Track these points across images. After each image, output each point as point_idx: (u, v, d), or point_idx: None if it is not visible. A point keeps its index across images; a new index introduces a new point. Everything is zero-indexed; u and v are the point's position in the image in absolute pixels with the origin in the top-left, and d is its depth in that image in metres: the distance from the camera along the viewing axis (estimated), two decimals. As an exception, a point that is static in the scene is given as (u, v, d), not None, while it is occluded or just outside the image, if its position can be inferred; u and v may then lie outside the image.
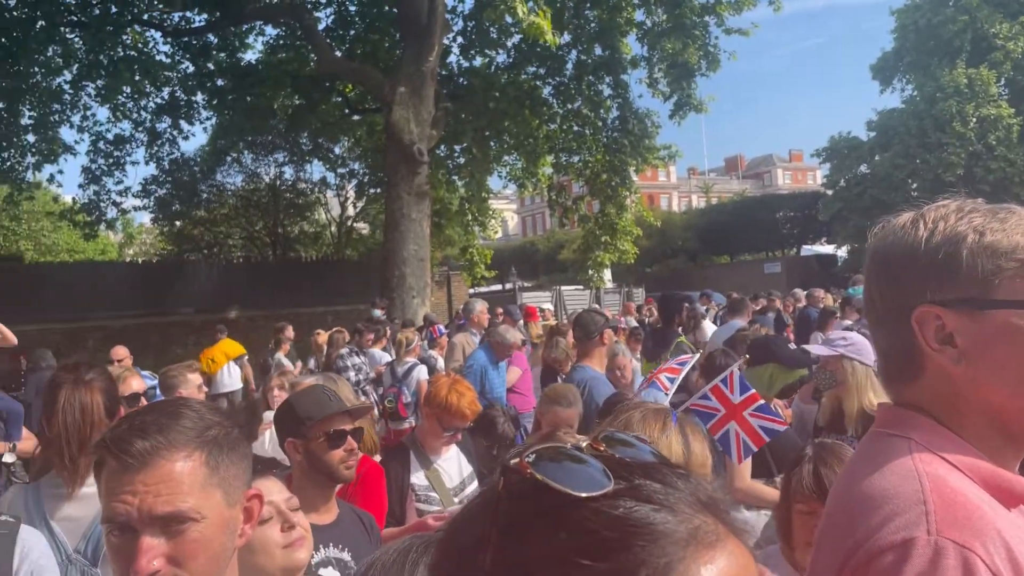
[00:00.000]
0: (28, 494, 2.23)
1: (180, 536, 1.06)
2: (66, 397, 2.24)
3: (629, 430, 1.52)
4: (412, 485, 3.08)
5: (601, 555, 0.47)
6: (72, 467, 2.18)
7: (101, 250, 35.10)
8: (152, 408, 1.17)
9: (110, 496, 1.06)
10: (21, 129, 16.79)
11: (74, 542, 2.13)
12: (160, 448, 1.07)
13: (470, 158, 20.20)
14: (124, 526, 1.05)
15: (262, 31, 19.03)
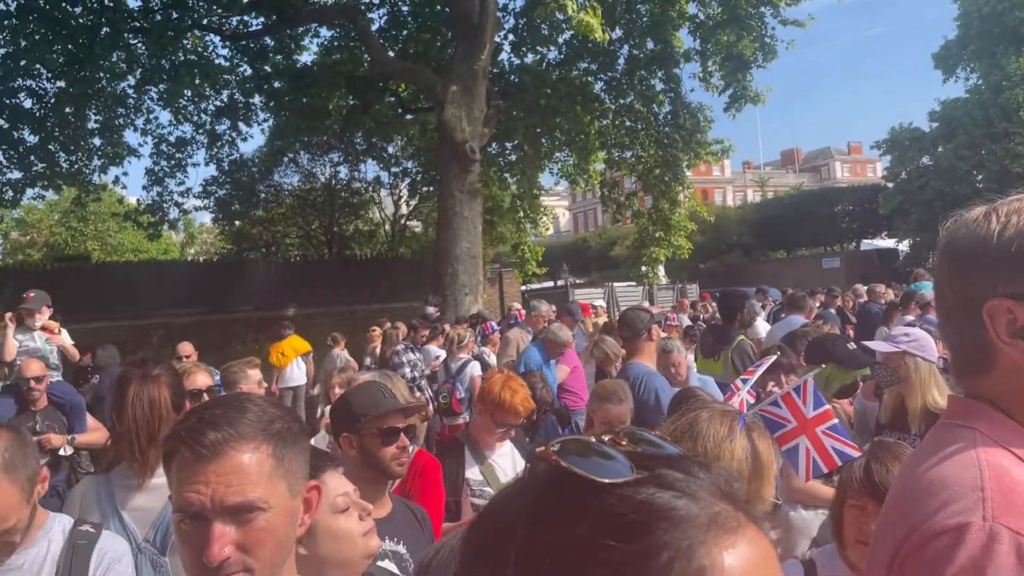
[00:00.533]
0: (100, 485, 2.31)
1: (248, 525, 1.10)
2: (135, 392, 2.32)
3: (694, 429, 1.53)
4: (467, 480, 3.11)
5: (625, 538, 0.49)
6: (142, 459, 2.26)
7: (164, 250, 36.12)
8: (218, 402, 1.21)
9: (183, 485, 1.10)
10: (88, 133, 17.36)
11: (144, 531, 2.20)
12: (231, 439, 1.11)
13: (521, 155, 20.23)
14: (196, 514, 1.09)
15: (317, 33, 19.34)
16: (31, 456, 1.86)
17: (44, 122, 16.37)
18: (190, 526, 1.09)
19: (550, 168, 22.30)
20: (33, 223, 36.55)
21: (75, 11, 15.36)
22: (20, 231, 37.74)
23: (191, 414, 1.18)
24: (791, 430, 2.69)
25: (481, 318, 10.80)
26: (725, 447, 1.53)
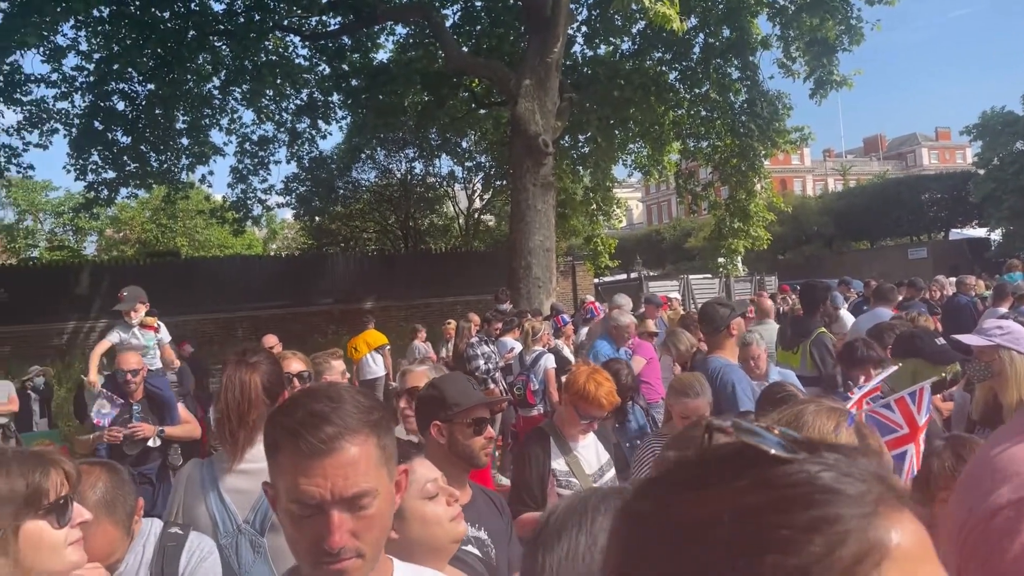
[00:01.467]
0: (203, 467, 2.42)
1: (360, 512, 1.17)
2: (228, 376, 2.42)
3: (800, 420, 1.53)
4: (553, 470, 3.15)
5: (801, 508, 0.51)
6: (232, 440, 2.35)
7: (248, 245, 37.30)
8: (316, 394, 1.24)
9: (299, 478, 1.16)
10: (176, 133, 18.03)
11: (244, 513, 2.29)
12: (344, 434, 1.17)
13: (594, 147, 20.13)
14: (313, 505, 1.16)
15: (393, 31, 19.62)
16: (128, 492, 1.96)
17: (136, 123, 17.10)
18: (306, 515, 1.16)
19: (623, 160, 22.12)
20: (126, 221, 38.24)
21: (164, 16, 15.97)
22: (114, 228, 39.54)
23: (293, 406, 1.22)
24: (902, 436, 2.61)
25: (555, 311, 10.83)
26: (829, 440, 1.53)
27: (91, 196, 17.64)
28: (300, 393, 1.26)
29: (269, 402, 2.41)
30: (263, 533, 2.26)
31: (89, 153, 16.97)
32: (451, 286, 20.79)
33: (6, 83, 16.15)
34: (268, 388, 2.43)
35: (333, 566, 1.15)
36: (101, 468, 1.96)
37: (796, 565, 0.49)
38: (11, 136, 17.16)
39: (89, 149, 16.89)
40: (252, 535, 2.26)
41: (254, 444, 2.35)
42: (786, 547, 0.50)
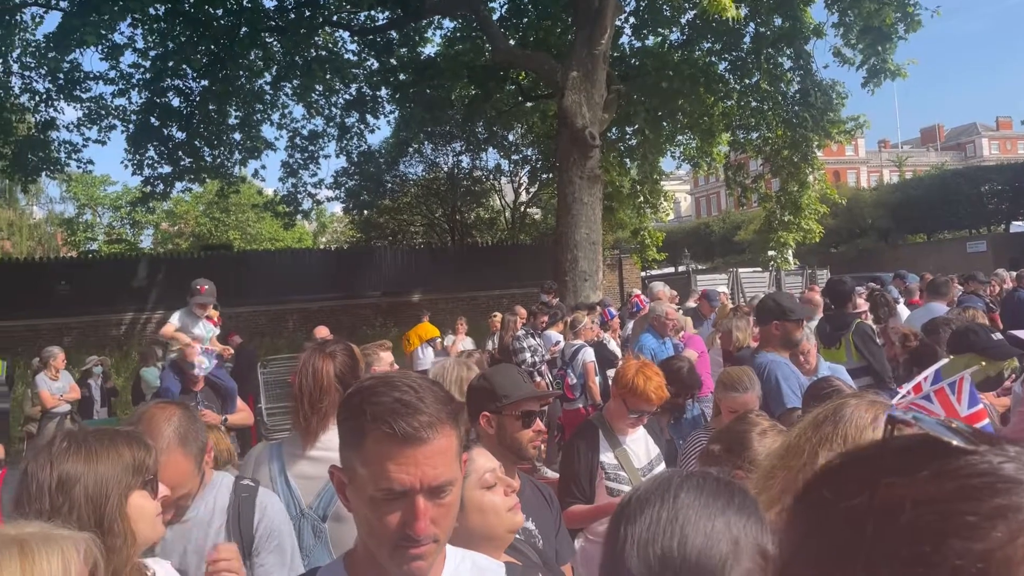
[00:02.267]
0: (272, 451, 2.50)
1: (440, 500, 1.21)
2: (303, 363, 2.49)
3: (838, 414, 1.52)
4: (601, 463, 3.15)
5: (985, 497, 0.52)
6: (305, 426, 2.42)
7: (298, 238, 37.95)
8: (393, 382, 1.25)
9: (387, 464, 1.18)
10: (229, 128, 18.40)
11: (308, 498, 2.36)
12: (435, 424, 1.20)
13: (642, 139, 19.98)
14: (399, 491, 1.19)
15: (440, 25, 19.71)
16: (200, 430, 2.04)
17: (190, 119, 17.49)
18: (391, 500, 1.19)
19: (671, 152, 21.92)
20: (181, 214, 39.19)
21: (217, 13, 16.28)
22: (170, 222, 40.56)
23: (375, 393, 1.24)
24: None
25: (602, 304, 10.78)
26: (867, 434, 1.51)
27: (147, 190, 18.11)
28: (378, 381, 1.26)
29: (342, 390, 2.47)
30: (325, 519, 2.33)
31: (145, 148, 17.41)
32: (497, 279, 20.85)
33: (66, 81, 16.66)
34: (341, 377, 2.48)
35: (413, 550, 1.19)
36: (175, 405, 2.07)
37: (981, 550, 0.51)
38: (71, 132, 17.73)
39: (145, 144, 17.33)
40: (314, 520, 2.33)
41: (326, 431, 2.43)
42: (971, 533, 0.51)
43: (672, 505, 1.08)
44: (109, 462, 1.49)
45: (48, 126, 17.33)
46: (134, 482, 1.53)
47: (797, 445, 1.54)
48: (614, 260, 22.77)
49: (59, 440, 1.51)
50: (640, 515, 1.09)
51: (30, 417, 10.06)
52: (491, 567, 1.46)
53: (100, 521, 1.44)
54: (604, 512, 3.07)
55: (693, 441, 3.53)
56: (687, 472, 1.14)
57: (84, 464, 1.47)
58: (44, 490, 1.43)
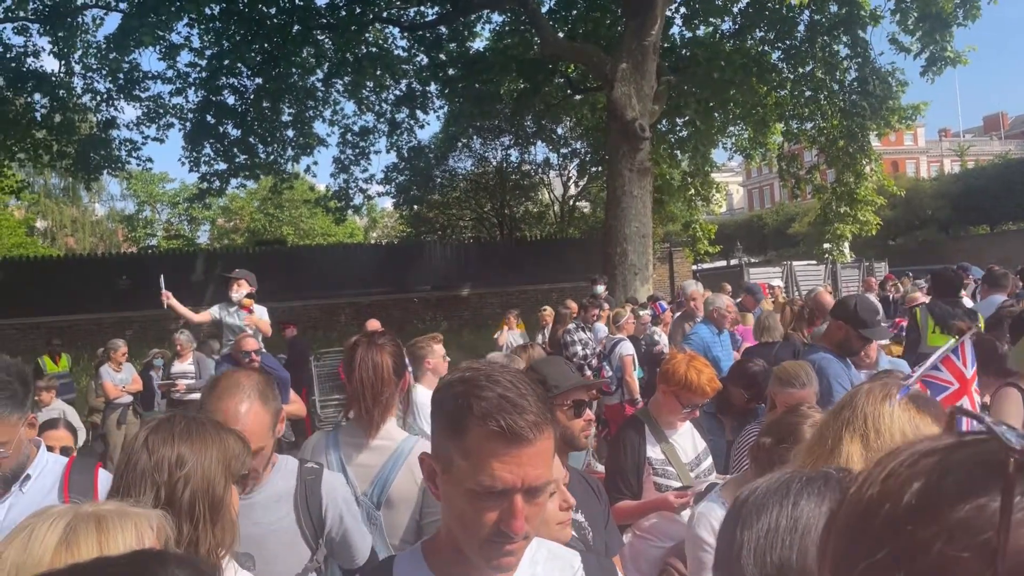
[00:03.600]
0: (329, 440, 2.56)
1: (534, 500, 1.21)
2: (361, 356, 2.53)
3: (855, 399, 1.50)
4: (648, 459, 3.12)
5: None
6: (368, 417, 2.48)
7: (349, 233, 38.45)
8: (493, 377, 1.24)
9: (493, 461, 1.18)
10: (282, 125, 18.72)
11: (363, 486, 2.42)
12: (540, 424, 1.19)
13: (693, 131, 19.73)
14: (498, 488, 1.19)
15: (489, 19, 19.73)
16: (276, 395, 2.10)
17: (245, 117, 17.85)
18: (488, 496, 1.19)
19: (723, 143, 21.63)
20: (236, 210, 40.06)
21: (270, 12, 16.58)
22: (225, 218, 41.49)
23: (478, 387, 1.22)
24: (954, 392, 2.79)
25: (653, 298, 10.69)
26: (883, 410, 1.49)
27: (204, 187, 18.55)
28: (477, 373, 1.25)
29: (396, 381, 2.56)
30: (379, 507, 2.39)
31: (202, 146, 17.83)
32: (546, 273, 20.82)
33: (126, 81, 17.15)
34: (395, 368, 2.56)
35: (507, 546, 1.20)
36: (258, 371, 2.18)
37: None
38: (131, 131, 18.25)
39: (202, 142, 17.74)
40: (369, 507, 2.39)
41: (386, 421, 2.51)
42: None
43: (791, 512, 1.06)
44: (219, 448, 1.53)
45: (109, 125, 17.87)
46: (235, 471, 1.56)
47: (821, 434, 1.53)
48: (664, 254, 22.55)
49: (178, 419, 1.55)
50: (757, 520, 1.07)
51: (94, 408, 10.39)
52: (565, 554, 1.46)
53: (212, 503, 1.48)
54: (652, 508, 3.05)
55: (746, 436, 3.47)
56: (806, 476, 1.11)
57: (200, 446, 1.51)
58: (163, 463, 1.46)
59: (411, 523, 2.40)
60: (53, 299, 16.97)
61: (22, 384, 2.03)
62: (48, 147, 17.32)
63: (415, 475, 2.38)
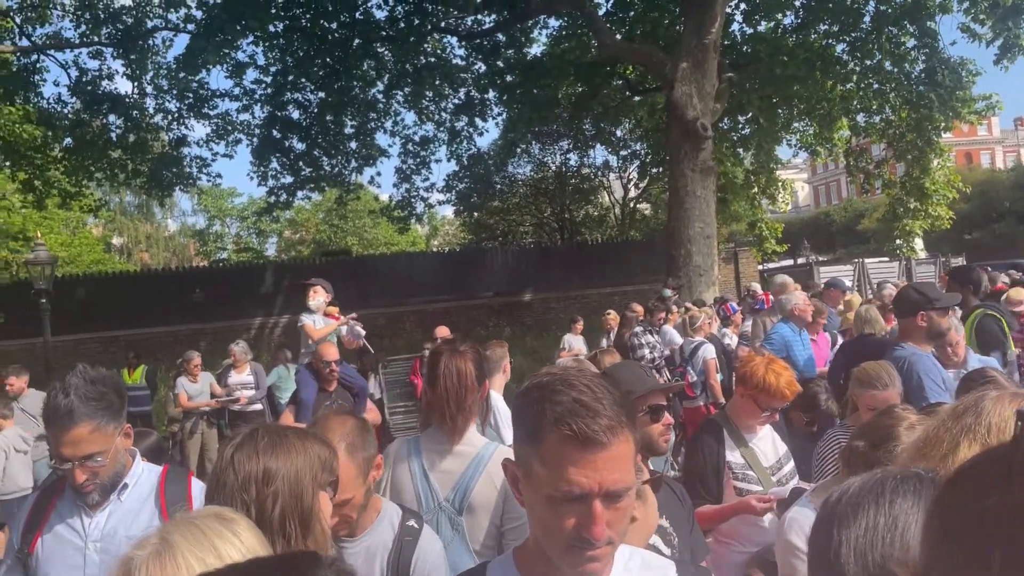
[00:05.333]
0: (411, 446, 2.58)
1: (615, 505, 1.19)
2: (445, 364, 2.57)
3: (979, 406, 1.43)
4: (728, 463, 3.06)
5: None
6: (452, 424, 2.50)
7: (412, 242, 38.90)
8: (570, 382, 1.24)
9: (568, 467, 1.18)
10: (345, 138, 19.08)
11: (445, 492, 2.44)
12: (616, 428, 1.19)
13: (756, 128, 19.38)
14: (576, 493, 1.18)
15: (546, 24, 19.77)
16: (370, 442, 2.08)
17: (309, 130, 18.26)
18: (566, 501, 1.19)
19: (788, 140, 21.17)
20: (302, 222, 40.94)
21: (331, 27, 16.93)
22: (292, 230, 42.44)
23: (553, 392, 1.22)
24: None
25: (722, 299, 10.52)
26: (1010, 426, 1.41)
27: (271, 200, 19.03)
28: (555, 378, 1.25)
29: (479, 387, 2.59)
30: (461, 512, 2.40)
31: (269, 160, 18.30)
32: (608, 277, 20.70)
33: (195, 100, 17.73)
34: (477, 375, 2.59)
35: (589, 552, 1.19)
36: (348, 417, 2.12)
37: None
38: (201, 148, 18.85)
39: (269, 156, 18.22)
40: (451, 513, 2.41)
41: (469, 427, 2.54)
42: None
43: (888, 511, 1.05)
44: (304, 457, 1.54)
45: (180, 143, 18.50)
46: (324, 478, 1.57)
47: (936, 436, 1.46)
48: (729, 254, 22.19)
49: (261, 433, 1.56)
50: (854, 519, 1.06)
51: (173, 418, 10.73)
52: (660, 564, 1.44)
53: (302, 516, 1.49)
54: (733, 512, 2.98)
55: (830, 439, 3.38)
56: (899, 474, 1.10)
57: (285, 458, 1.52)
58: (251, 481, 1.48)
59: (492, 528, 2.41)
60: (130, 313, 17.60)
61: (118, 395, 2.10)
62: (123, 166, 18.01)
63: (495, 481, 2.39)
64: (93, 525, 2.09)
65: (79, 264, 28.69)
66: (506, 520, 2.39)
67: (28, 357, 13.04)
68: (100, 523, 2.09)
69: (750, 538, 3.01)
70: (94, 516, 2.10)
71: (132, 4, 17.15)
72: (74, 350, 15.92)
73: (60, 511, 2.13)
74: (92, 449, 2.00)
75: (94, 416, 1.99)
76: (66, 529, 2.10)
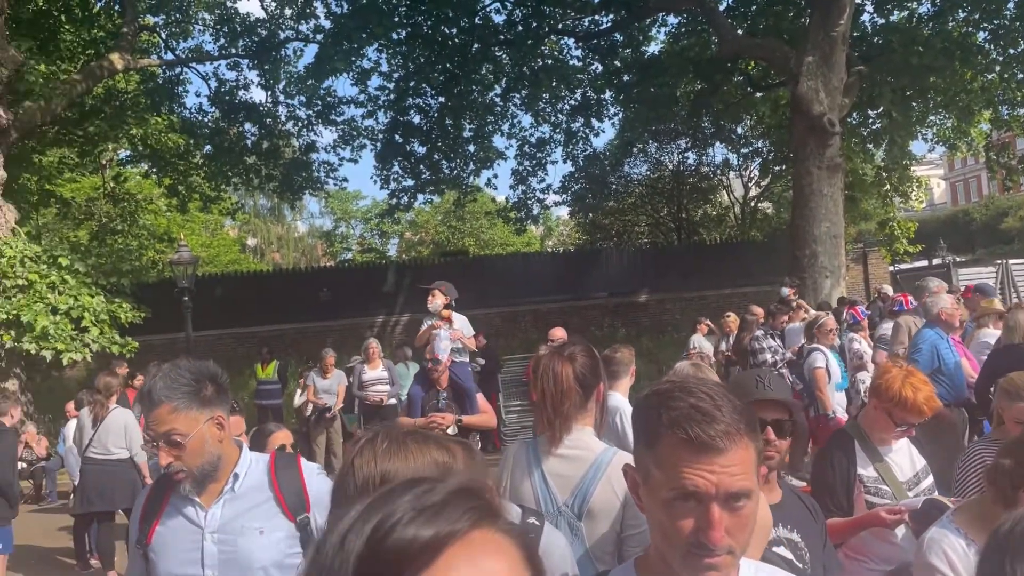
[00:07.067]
0: (528, 448, 2.57)
1: (736, 511, 1.19)
2: (543, 367, 2.53)
3: None
4: (860, 476, 2.94)
5: None
6: (550, 427, 2.47)
7: (526, 243, 39.18)
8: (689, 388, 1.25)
9: (684, 468, 1.19)
10: (464, 141, 19.50)
11: (564, 496, 2.41)
12: (733, 433, 1.19)
13: (888, 123, 18.43)
14: (691, 495, 1.19)
15: (664, 22, 19.52)
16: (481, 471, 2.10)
17: (429, 135, 18.77)
18: (683, 505, 1.19)
19: (922, 134, 20.07)
20: (421, 223, 42.00)
21: (451, 32, 17.34)
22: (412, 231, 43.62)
23: (670, 398, 1.24)
24: None
25: (849, 302, 10.09)
26: None
27: (393, 203, 19.67)
28: (674, 386, 1.27)
29: (582, 393, 2.49)
30: (580, 517, 2.37)
31: (391, 164, 18.93)
32: (727, 278, 20.18)
33: (324, 107, 18.56)
34: (581, 379, 2.49)
35: (708, 559, 1.18)
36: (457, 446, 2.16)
37: None
38: (328, 153, 19.74)
39: (391, 160, 18.84)
40: (571, 518, 2.38)
41: (571, 432, 2.47)
42: None
43: None
44: (422, 462, 1.57)
45: (310, 149, 19.42)
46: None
47: None
48: (858, 254, 21.21)
49: (380, 438, 1.60)
50: None
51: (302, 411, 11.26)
52: None
53: None
54: (862, 525, 2.86)
55: (973, 454, 3.19)
56: None
57: (403, 462, 1.55)
58: (369, 486, 1.51)
59: (611, 535, 2.37)
60: (263, 310, 18.58)
61: (211, 385, 2.12)
62: (258, 171, 19.07)
63: (615, 487, 2.35)
64: (210, 516, 2.14)
65: (217, 264, 30.52)
66: (626, 527, 2.35)
67: (170, 351, 13.99)
68: (216, 514, 2.14)
69: (881, 555, 2.88)
70: (209, 508, 2.15)
71: (266, 16, 18.14)
72: (213, 345, 16.98)
73: (175, 503, 2.18)
74: (169, 427, 2.03)
75: (173, 398, 2.03)
76: (183, 520, 2.16)
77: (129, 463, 7.11)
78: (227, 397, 2.21)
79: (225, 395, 2.18)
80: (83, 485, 7.21)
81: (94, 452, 7.07)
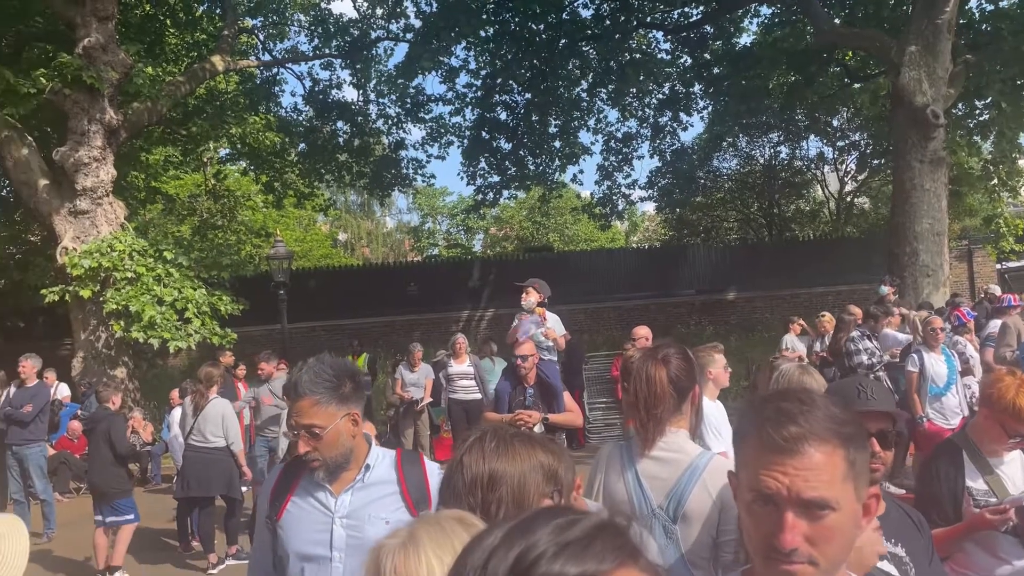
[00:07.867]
0: (623, 451, 2.57)
1: (818, 520, 1.16)
2: (636, 369, 2.51)
3: None
4: (968, 488, 2.81)
5: None
6: (643, 430, 2.46)
7: (611, 239, 38.92)
8: (787, 394, 1.26)
9: (759, 469, 1.19)
10: (549, 137, 19.50)
11: (658, 499, 2.39)
12: (810, 437, 1.17)
13: (997, 114, 17.47)
14: (768, 498, 1.17)
15: (757, 12, 19.03)
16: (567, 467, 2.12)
17: (516, 131, 18.85)
18: (761, 508, 1.19)
19: (1034, 126, 18.92)
20: (507, 219, 42.24)
21: (538, 28, 17.35)
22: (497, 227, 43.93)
23: (766, 402, 1.25)
24: None
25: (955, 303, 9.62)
26: None
27: (479, 199, 19.84)
28: (776, 392, 1.32)
29: (676, 396, 2.46)
30: (675, 521, 2.35)
31: (478, 160, 19.11)
32: (820, 276, 19.56)
33: (413, 104, 18.88)
34: (675, 382, 2.46)
35: (784, 566, 1.16)
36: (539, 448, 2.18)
37: None
38: (417, 150, 20.07)
39: (478, 157, 19.02)
40: (665, 520, 2.36)
41: (664, 435, 2.45)
42: None
43: None
44: (529, 463, 1.60)
45: (399, 146, 19.81)
46: (546, 488, 1.60)
47: None
48: (962, 252, 20.23)
49: (489, 437, 1.64)
50: None
51: (390, 403, 11.52)
52: None
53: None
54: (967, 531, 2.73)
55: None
56: None
57: (510, 463, 1.59)
58: (476, 485, 1.57)
59: (707, 539, 2.34)
60: (353, 304, 19.07)
61: (350, 382, 2.21)
62: (349, 168, 19.57)
63: (711, 491, 2.33)
64: (339, 503, 2.25)
65: (310, 258, 31.45)
66: (721, 532, 2.32)
67: (267, 342, 14.52)
68: (346, 501, 2.25)
69: (989, 570, 2.76)
70: (339, 495, 2.26)
71: (358, 17, 18.58)
72: (306, 337, 17.54)
73: (306, 486, 2.29)
74: (310, 420, 2.14)
75: (315, 392, 2.14)
76: (313, 502, 2.27)
77: (226, 451, 7.41)
78: (363, 395, 2.30)
79: (361, 393, 2.28)
80: (183, 471, 7.57)
81: (194, 440, 7.41)
